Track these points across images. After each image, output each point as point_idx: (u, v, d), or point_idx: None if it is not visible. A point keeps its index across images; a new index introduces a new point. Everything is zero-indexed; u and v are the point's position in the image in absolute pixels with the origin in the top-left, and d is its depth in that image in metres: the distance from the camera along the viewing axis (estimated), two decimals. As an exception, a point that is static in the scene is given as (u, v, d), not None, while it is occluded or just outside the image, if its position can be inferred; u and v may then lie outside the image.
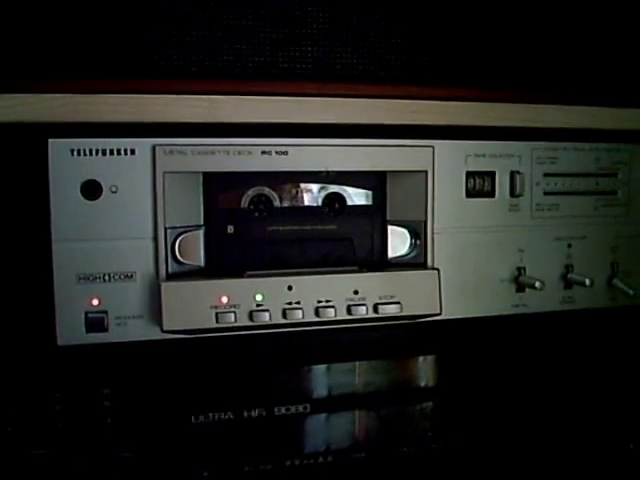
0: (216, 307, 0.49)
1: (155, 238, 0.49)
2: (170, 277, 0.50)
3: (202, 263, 0.52)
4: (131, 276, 0.49)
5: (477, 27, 0.57)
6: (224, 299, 0.49)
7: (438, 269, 0.55)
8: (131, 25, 0.50)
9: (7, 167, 0.48)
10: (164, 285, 0.49)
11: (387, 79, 0.55)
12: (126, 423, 0.50)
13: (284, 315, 0.50)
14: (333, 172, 0.53)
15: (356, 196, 0.56)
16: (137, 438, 0.51)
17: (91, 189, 0.48)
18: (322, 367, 0.55)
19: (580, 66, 0.60)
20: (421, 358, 0.57)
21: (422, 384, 0.57)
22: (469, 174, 0.56)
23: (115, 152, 0.48)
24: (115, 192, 0.48)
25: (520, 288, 0.58)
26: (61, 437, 0.49)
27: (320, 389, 0.55)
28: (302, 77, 0.53)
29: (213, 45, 0.51)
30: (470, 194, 0.56)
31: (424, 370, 0.57)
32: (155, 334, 0.49)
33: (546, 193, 0.58)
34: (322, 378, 0.55)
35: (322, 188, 0.55)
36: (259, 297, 0.50)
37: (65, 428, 0.49)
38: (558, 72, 0.59)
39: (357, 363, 0.55)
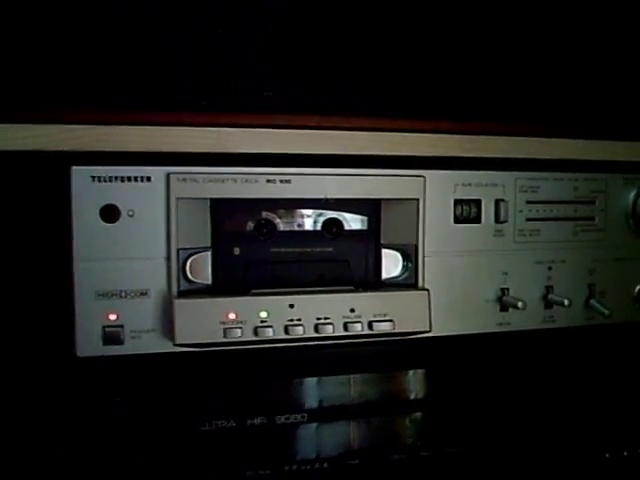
0: (224, 323, 0.51)
1: (168, 258, 0.52)
2: (181, 294, 0.52)
3: (210, 282, 0.54)
4: (146, 293, 0.51)
5: (464, 67, 0.60)
6: (232, 315, 0.52)
7: (428, 289, 0.57)
8: (147, 64, 0.53)
9: (33, 191, 0.50)
10: (176, 302, 0.51)
11: (381, 113, 0.57)
12: (138, 429, 0.53)
13: (286, 331, 0.52)
14: (332, 199, 0.55)
15: (353, 221, 0.58)
16: (148, 444, 0.53)
17: (110, 213, 0.50)
18: (320, 379, 0.57)
19: (560, 101, 0.63)
20: (412, 372, 0.59)
21: (412, 396, 0.59)
22: (457, 202, 0.58)
23: (132, 179, 0.51)
24: (132, 216, 0.51)
25: (504, 308, 0.60)
26: (77, 442, 0.51)
27: (317, 400, 0.57)
28: (304, 111, 0.55)
29: (221, 82, 0.54)
30: (458, 220, 0.58)
31: (414, 383, 0.60)
32: (167, 347, 0.51)
33: (528, 219, 0.60)
34: (319, 389, 0.57)
35: (321, 214, 0.57)
36: (264, 314, 0.52)
37: (81, 433, 0.51)
38: (539, 107, 0.62)
39: (352, 376, 0.57)
